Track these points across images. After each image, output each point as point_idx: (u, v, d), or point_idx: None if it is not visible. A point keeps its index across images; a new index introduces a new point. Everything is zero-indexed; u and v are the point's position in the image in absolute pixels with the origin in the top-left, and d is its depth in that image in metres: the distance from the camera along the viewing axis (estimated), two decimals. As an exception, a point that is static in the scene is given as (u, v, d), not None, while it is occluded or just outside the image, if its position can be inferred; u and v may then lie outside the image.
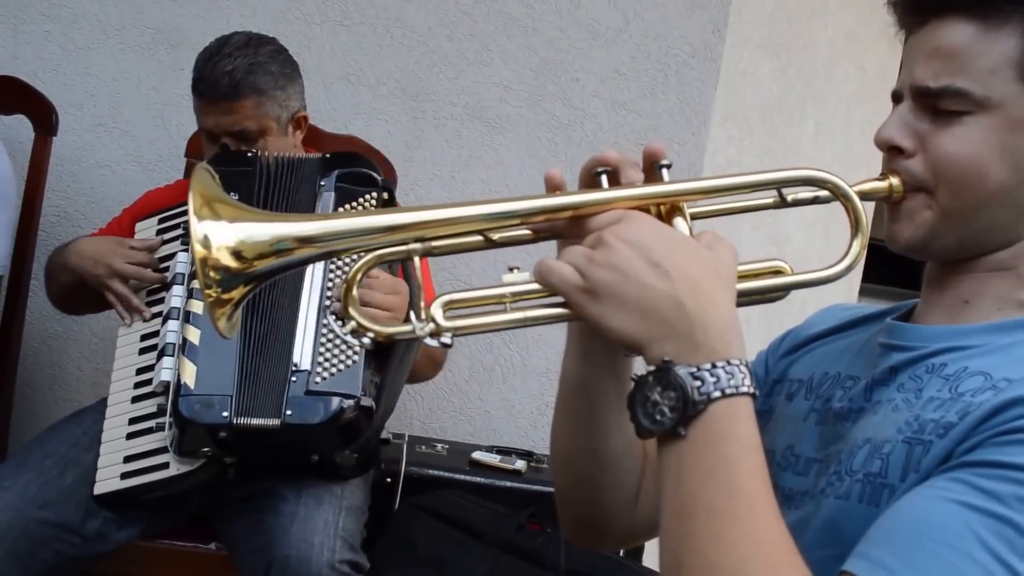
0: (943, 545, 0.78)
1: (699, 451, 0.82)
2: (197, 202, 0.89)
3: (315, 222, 0.92)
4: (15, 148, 2.50)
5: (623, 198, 0.92)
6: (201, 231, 0.87)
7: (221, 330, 0.91)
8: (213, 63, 2.06)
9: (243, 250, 0.88)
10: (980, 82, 0.94)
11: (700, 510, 0.81)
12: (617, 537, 1.14)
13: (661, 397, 0.83)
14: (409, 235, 0.92)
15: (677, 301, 0.83)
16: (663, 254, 0.84)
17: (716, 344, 0.83)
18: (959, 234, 0.97)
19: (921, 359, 0.98)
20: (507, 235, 0.95)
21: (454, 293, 0.92)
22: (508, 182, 2.70)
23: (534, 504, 2.20)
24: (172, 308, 1.98)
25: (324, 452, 1.93)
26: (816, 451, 1.03)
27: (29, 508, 1.87)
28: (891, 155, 0.99)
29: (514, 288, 0.91)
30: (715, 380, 0.82)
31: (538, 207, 0.93)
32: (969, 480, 0.81)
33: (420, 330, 0.89)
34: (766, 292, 0.96)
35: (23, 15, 2.62)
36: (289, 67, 2.15)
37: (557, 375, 1.07)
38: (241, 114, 2.07)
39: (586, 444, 1.07)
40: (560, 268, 0.87)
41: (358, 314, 0.92)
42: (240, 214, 0.90)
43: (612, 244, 0.85)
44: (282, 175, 2.07)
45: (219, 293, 0.88)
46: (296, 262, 0.91)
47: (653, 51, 2.69)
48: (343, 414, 1.86)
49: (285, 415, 1.85)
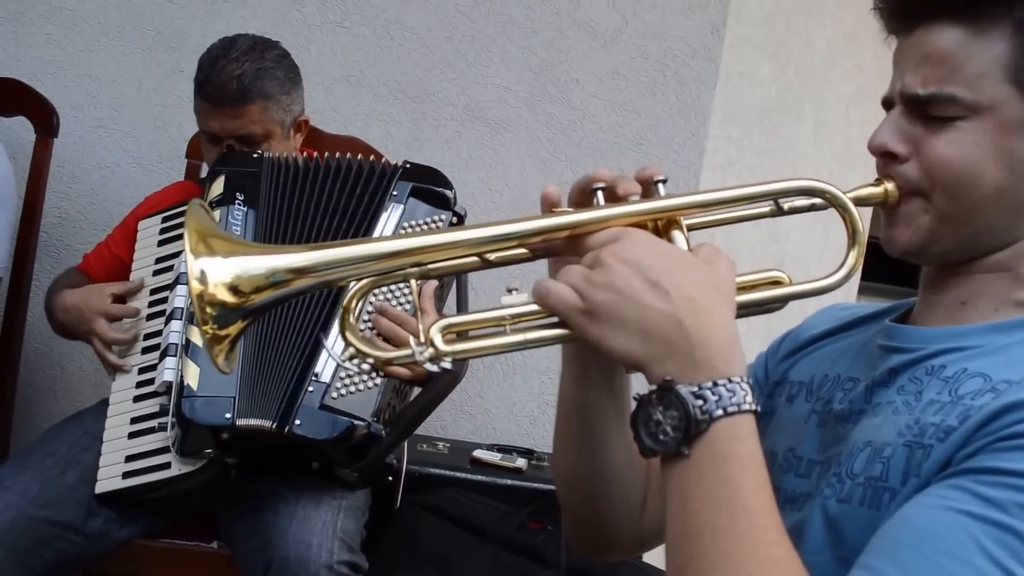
0: (945, 555, 0.78)
1: (702, 470, 0.82)
2: (193, 239, 0.88)
3: (310, 252, 0.91)
4: (16, 150, 2.50)
5: (619, 215, 0.92)
6: (197, 267, 0.87)
7: (219, 365, 0.91)
8: (220, 67, 2.06)
9: (239, 284, 0.88)
10: (970, 87, 0.94)
11: (704, 530, 0.81)
12: (626, 546, 1.15)
13: (664, 416, 0.83)
14: (406, 261, 0.91)
15: (677, 320, 0.83)
16: (661, 273, 0.84)
17: (717, 362, 0.83)
18: (957, 237, 0.97)
19: (920, 360, 0.98)
20: (504, 255, 0.94)
21: (453, 317, 0.92)
22: (508, 182, 2.71)
23: (535, 502, 2.21)
24: (176, 308, 1.97)
25: (325, 463, 1.93)
26: (817, 453, 1.04)
27: (31, 507, 1.87)
28: (885, 161, 0.99)
29: (513, 310, 0.91)
30: (717, 398, 0.82)
31: (535, 229, 0.92)
32: (969, 487, 0.81)
33: (419, 355, 0.89)
34: (765, 304, 0.96)
35: (24, 17, 2.63)
36: (293, 72, 2.16)
37: (557, 373, 1.07)
38: (248, 118, 2.08)
39: (589, 462, 1.07)
40: (559, 290, 0.86)
41: (356, 339, 0.92)
42: (235, 248, 0.90)
43: (610, 264, 0.85)
44: (341, 174, 2.05)
45: (215, 329, 0.88)
46: (293, 293, 0.91)
47: (652, 52, 2.70)
48: (351, 435, 1.85)
49: (293, 424, 1.84)
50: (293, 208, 2.03)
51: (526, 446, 2.54)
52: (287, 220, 2.02)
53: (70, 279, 2.21)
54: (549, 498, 2.18)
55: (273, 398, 1.88)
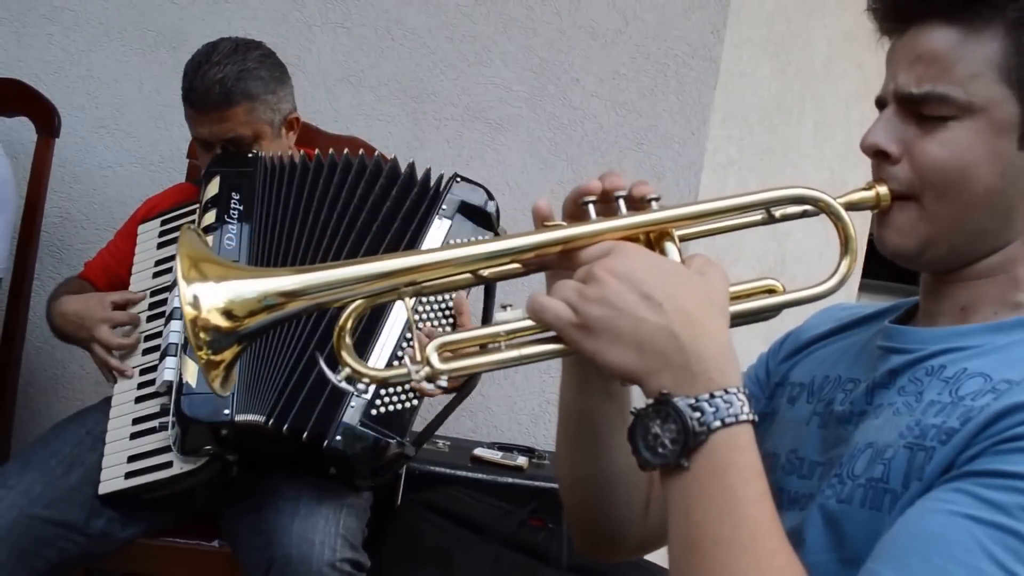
0: (951, 560, 0.79)
1: (702, 482, 0.82)
2: (185, 264, 0.88)
3: (302, 275, 0.91)
4: (18, 150, 2.51)
5: (611, 229, 0.92)
6: (190, 293, 0.87)
7: (216, 390, 0.91)
8: (203, 73, 2.05)
9: (232, 309, 0.88)
10: (963, 87, 0.94)
11: (707, 542, 0.81)
12: (631, 547, 1.15)
13: (661, 430, 0.83)
14: (400, 280, 0.91)
15: (671, 333, 0.83)
16: (654, 286, 0.84)
17: (713, 374, 0.83)
18: (949, 243, 0.97)
19: (920, 361, 0.98)
20: (497, 271, 0.95)
21: (448, 335, 0.92)
22: (509, 182, 2.71)
23: (536, 500, 2.21)
24: (175, 308, 1.97)
25: (345, 473, 1.94)
26: (819, 454, 1.04)
27: (33, 507, 1.87)
28: (877, 160, 1.00)
29: (508, 326, 0.91)
30: (714, 410, 0.82)
31: (528, 245, 0.92)
32: (973, 491, 0.81)
33: (416, 374, 0.89)
34: (759, 313, 0.97)
35: (25, 18, 2.63)
36: (278, 70, 2.15)
37: (558, 371, 1.07)
38: (234, 121, 2.07)
39: (591, 467, 1.07)
40: (553, 305, 0.86)
41: (352, 359, 0.91)
42: (227, 272, 0.90)
43: (603, 279, 0.85)
44: (377, 178, 2.06)
45: (210, 355, 0.88)
46: (286, 316, 0.91)
47: (652, 52, 2.71)
48: (383, 453, 1.88)
49: (333, 440, 1.85)
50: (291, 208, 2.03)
51: (527, 444, 2.55)
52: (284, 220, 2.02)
53: (71, 287, 2.21)
54: (550, 496, 2.18)
55: (269, 394, 1.89)
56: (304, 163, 2.08)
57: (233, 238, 1.99)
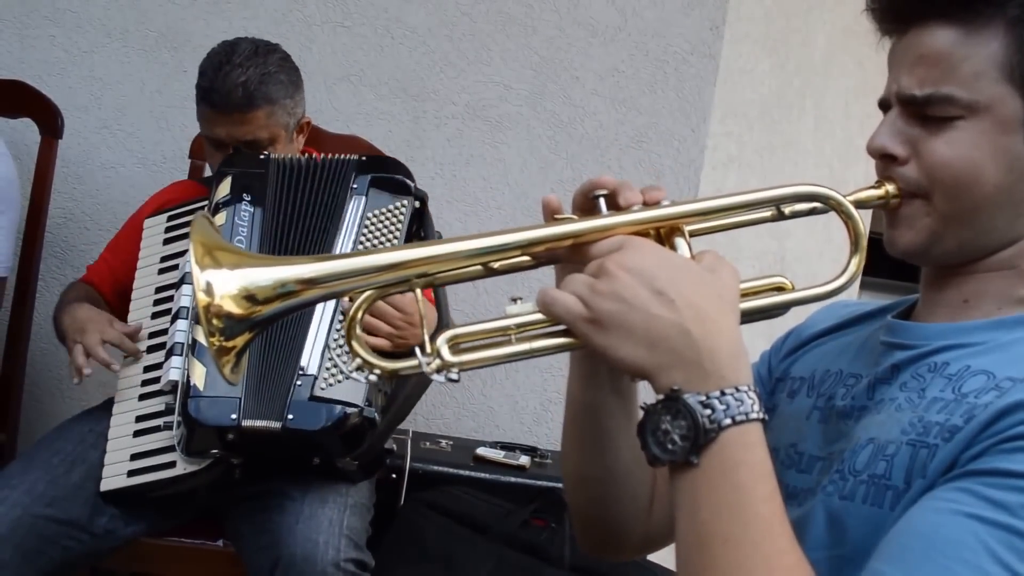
0: (955, 560, 0.78)
1: (712, 480, 0.82)
2: (198, 251, 0.88)
3: (316, 264, 0.91)
4: (21, 151, 2.52)
5: (623, 224, 0.92)
6: (204, 279, 0.87)
7: (227, 377, 0.91)
8: (224, 73, 2.05)
9: (246, 296, 0.88)
10: (966, 87, 0.94)
11: (716, 540, 0.81)
12: (635, 546, 1.15)
13: (672, 426, 0.83)
14: (412, 272, 0.92)
15: (683, 329, 0.83)
16: (666, 282, 0.84)
17: (725, 371, 0.83)
18: (959, 239, 0.97)
19: (923, 357, 0.98)
20: (507, 263, 0.95)
21: (459, 327, 0.92)
22: (509, 180, 2.72)
23: (538, 499, 2.21)
24: (181, 307, 1.98)
25: (325, 457, 1.93)
26: (819, 449, 1.04)
27: (37, 506, 1.87)
28: (884, 163, 0.99)
29: (518, 319, 0.91)
30: (725, 408, 0.82)
31: (539, 237, 0.92)
32: (976, 490, 0.81)
33: (426, 366, 0.89)
34: (768, 310, 0.97)
35: (28, 20, 2.64)
36: (295, 75, 2.17)
37: (561, 370, 1.08)
38: (255, 124, 2.08)
39: (597, 463, 1.07)
40: (564, 299, 0.86)
41: (363, 350, 0.92)
42: (241, 260, 0.90)
43: (615, 273, 0.85)
44: (309, 174, 2.06)
45: (222, 341, 0.88)
46: (300, 304, 0.91)
47: (652, 49, 2.71)
48: (345, 422, 1.86)
49: (287, 419, 1.85)
50: (298, 208, 2.04)
51: (529, 443, 2.55)
52: (292, 220, 2.03)
53: (77, 292, 2.20)
54: (552, 495, 2.19)
55: (273, 397, 1.88)
56: (311, 163, 2.08)
57: (244, 240, 2.00)
